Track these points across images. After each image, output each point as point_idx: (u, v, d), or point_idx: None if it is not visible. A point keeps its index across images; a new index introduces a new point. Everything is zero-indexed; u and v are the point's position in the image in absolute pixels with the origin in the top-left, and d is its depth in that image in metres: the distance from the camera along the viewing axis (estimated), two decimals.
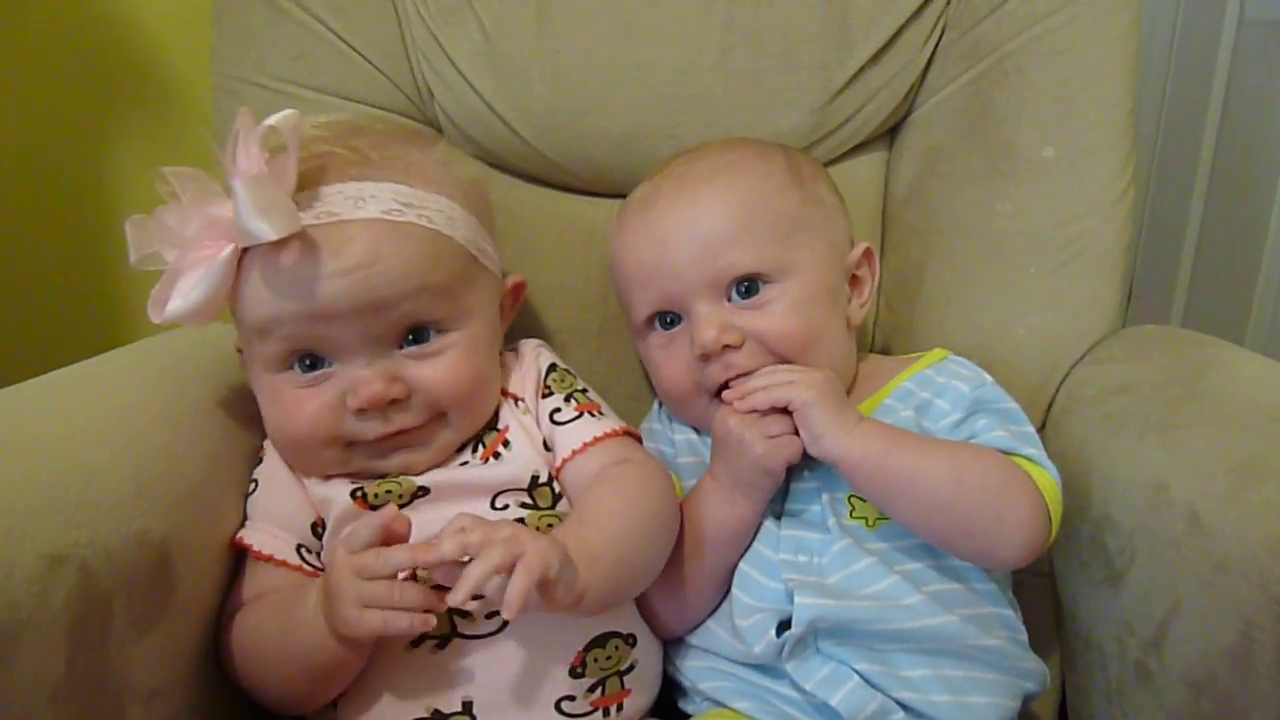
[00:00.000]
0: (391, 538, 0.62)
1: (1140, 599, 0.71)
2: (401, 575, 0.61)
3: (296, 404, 0.69)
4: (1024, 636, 0.73)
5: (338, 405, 0.68)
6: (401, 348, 0.70)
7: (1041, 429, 0.85)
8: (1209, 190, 1.24)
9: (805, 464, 0.73)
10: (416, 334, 0.70)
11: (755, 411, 0.71)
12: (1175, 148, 1.28)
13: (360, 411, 0.68)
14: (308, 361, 0.69)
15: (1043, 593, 0.84)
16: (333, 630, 0.62)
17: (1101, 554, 0.75)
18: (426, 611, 0.60)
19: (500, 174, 0.94)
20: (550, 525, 0.69)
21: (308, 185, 0.67)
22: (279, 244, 0.64)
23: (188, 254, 0.66)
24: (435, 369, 0.70)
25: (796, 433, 0.70)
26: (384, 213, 0.68)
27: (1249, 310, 1.18)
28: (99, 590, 0.56)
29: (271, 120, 0.64)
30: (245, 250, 0.66)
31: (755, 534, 0.74)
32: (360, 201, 0.67)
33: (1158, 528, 0.70)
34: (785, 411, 0.70)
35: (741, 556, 0.74)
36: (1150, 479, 0.71)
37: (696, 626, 0.76)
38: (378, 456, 0.70)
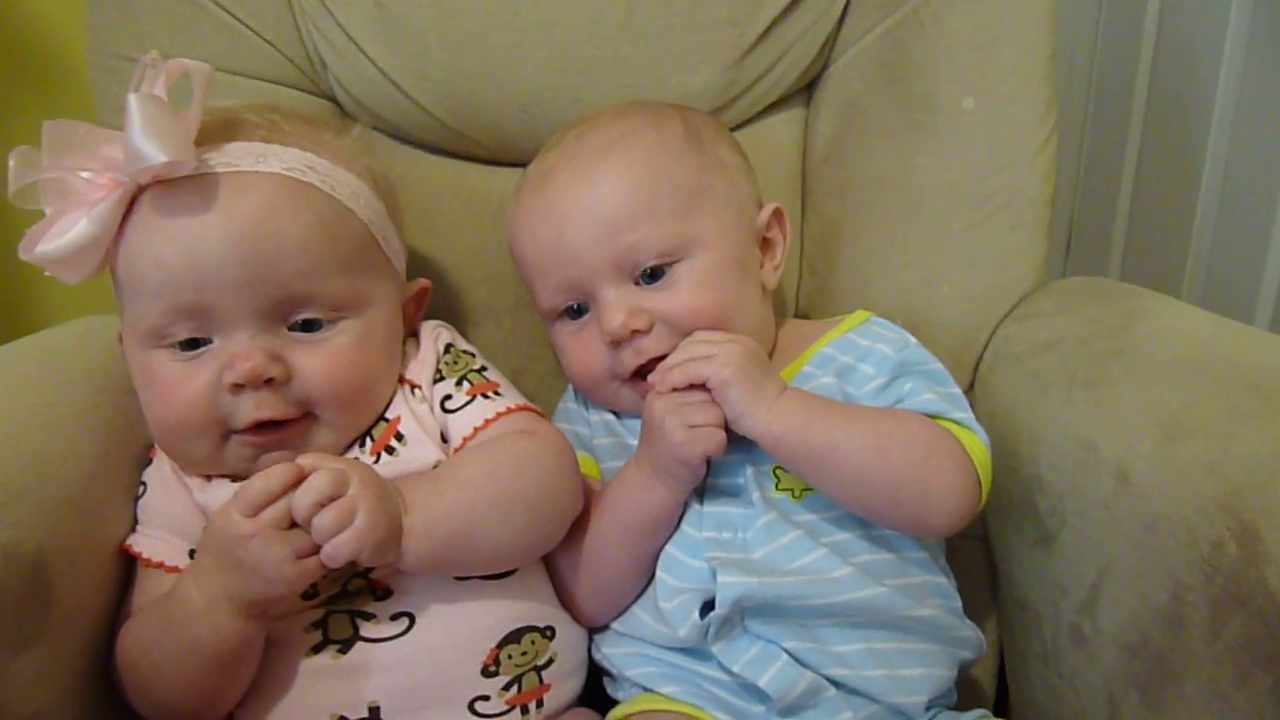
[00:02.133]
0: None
1: (1072, 561, 0.70)
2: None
3: (173, 385, 0.64)
4: (958, 604, 0.71)
5: (214, 385, 0.63)
6: (290, 330, 0.65)
7: (970, 389, 0.83)
8: (1143, 138, 1.23)
9: (729, 436, 0.70)
10: (307, 320, 0.66)
11: (679, 390, 0.67)
12: (1108, 96, 1.27)
13: (236, 388, 0.63)
14: (185, 336, 0.64)
15: (977, 556, 0.83)
16: (241, 605, 0.59)
17: (1033, 516, 0.74)
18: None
19: (402, 146, 0.90)
20: None
21: (211, 139, 0.64)
22: (169, 188, 0.61)
23: (73, 195, 0.62)
24: (320, 359, 0.65)
25: (722, 423, 0.67)
26: (286, 169, 0.64)
27: (1185, 258, 1.17)
28: None
29: (184, 60, 0.61)
30: (134, 200, 0.62)
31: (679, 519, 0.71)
32: (263, 158, 0.64)
33: (1087, 488, 0.68)
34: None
35: (666, 542, 0.71)
36: (1078, 438, 0.69)
37: (621, 613, 0.73)
38: (250, 455, 0.66)
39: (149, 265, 0.63)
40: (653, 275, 0.71)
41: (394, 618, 0.63)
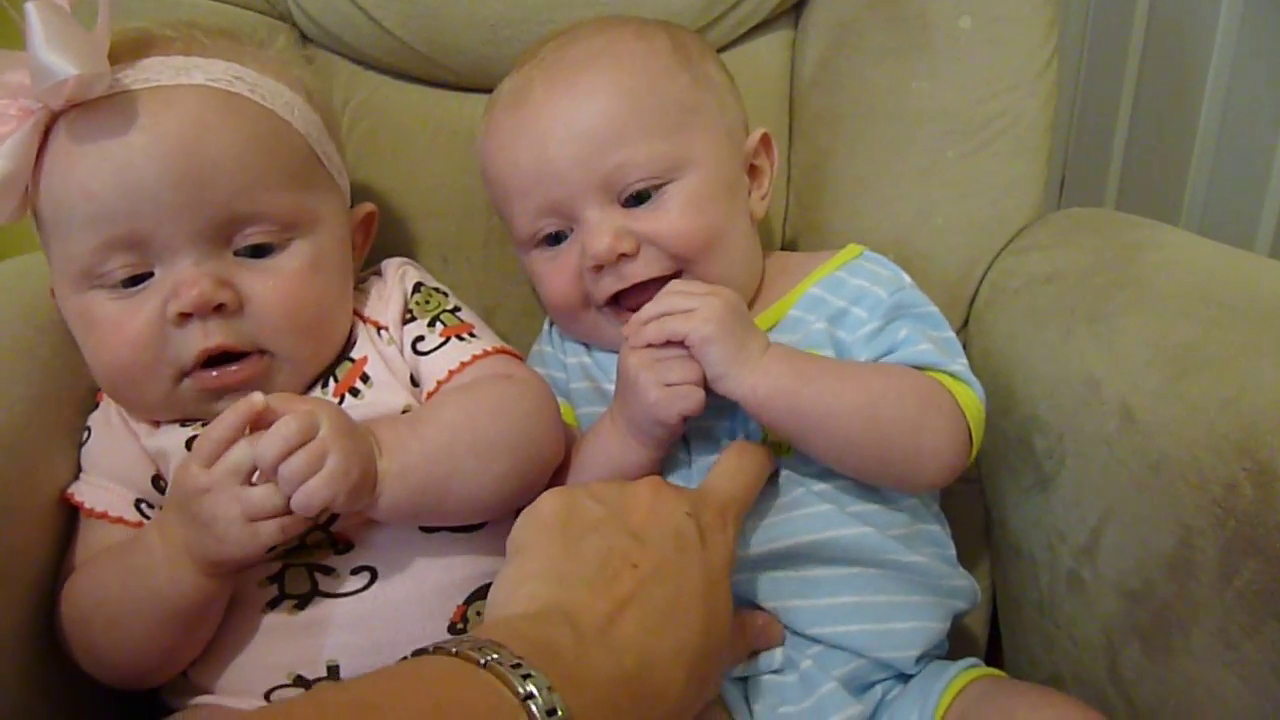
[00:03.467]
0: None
1: (1071, 504, 0.67)
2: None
3: (115, 326, 0.60)
4: (952, 552, 0.69)
5: (160, 319, 0.59)
6: (237, 255, 0.61)
7: (964, 326, 0.79)
8: (1141, 66, 1.19)
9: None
10: (255, 244, 0.61)
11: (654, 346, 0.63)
12: (1106, 21, 1.22)
13: (182, 318, 0.58)
14: (124, 274, 0.59)
15: (971, 500, 0.79)
16: (201, 563, 0.55)
17: (1030, 457, 0.70)
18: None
19: (365, 71, 0.85)
20: None
21: (124, 56, 0.59)
22: (86, 112, 0.57)
23: None
24: (272, 283, 0.61)
25: (701, 381, 0.62)
26: (211, 80, 0.59)
27: (1183, 190, 1.14)
28: None
29: None
30: (49, 130, 0.57)
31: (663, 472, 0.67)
32: (185, 70, 0.59)
33: (1088, 427, 0.65)
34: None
35: None
36: (1079, 374, 0.66)
37: None
38: (206, 399, 0.61)
39: (75, 197, 0.58)
40: (639, 198, 0.67)
41: (355, 572, 0.60)
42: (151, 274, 0.60)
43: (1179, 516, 0.57)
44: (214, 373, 0.61)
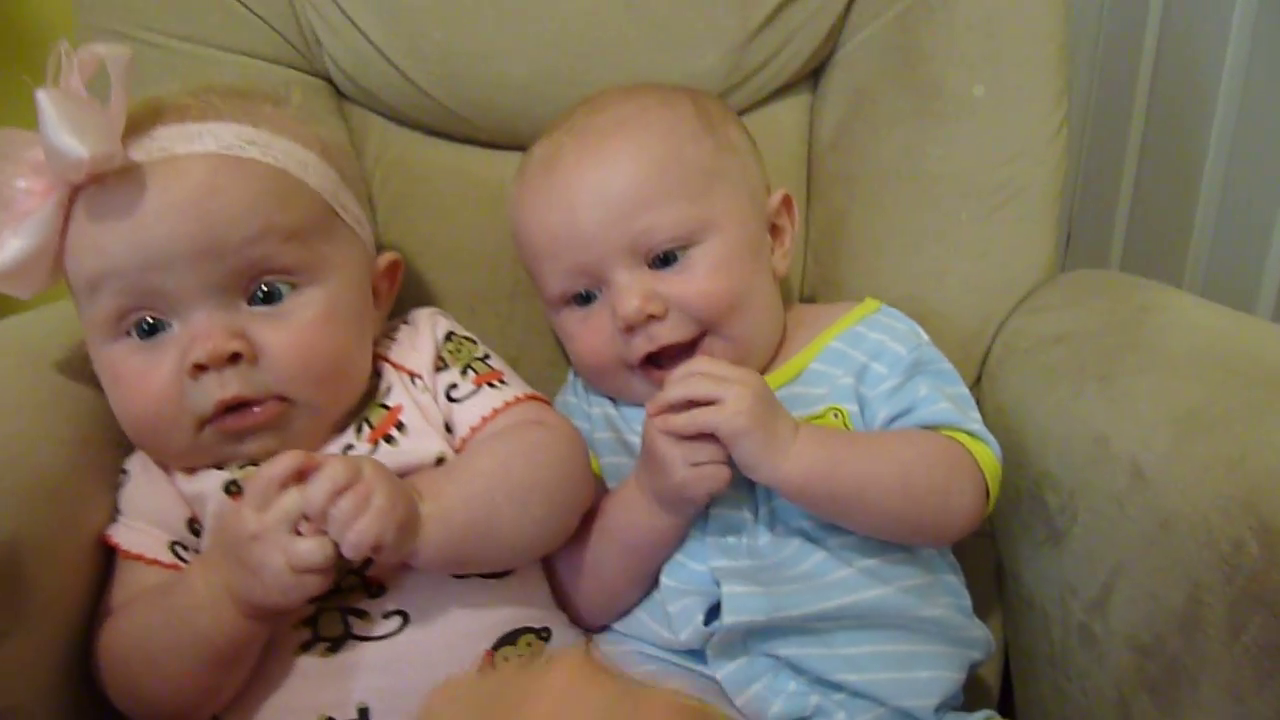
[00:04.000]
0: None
1: (1083, 559, 0.68)
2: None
3: (138, 378, 0.62)
4: (968, 603, 0.70)
5: (178, 371, 0.61)
6: (251, 304, 0.63)
7: (977, 382, 0.81)
8: (1145, 130, 1.22)
9: None
10: (267, 290, 0.63)
11: None
12: (1111, 85, 1.25)
13: (197, 369, 0.60)
14: (145, 325, 0.62)
15: (983, 553, 0.81)
16: (244, 606, 0.57)
17: (1042, 512, 0.72)
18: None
19: (398, 128, 0.88)
20: None
21: (139, 128, 0.61)
22: (104, 185, 0.59)
23: (10, 208, 0.60)
24: (285, 333, 0.62)
25: (728, 459, 0.64)
26: (222, 148, 0.62)
27: (1186, 251, 1.16)
28: None
29: (97, 47, 0.58)
30: (72, 203, 0.60)
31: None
32: (196, 137, 0.62)
33: (1099, 484, 0.67)
34: None
35: (668, 557, 0.69)
36: (1090, 432, 0.68)
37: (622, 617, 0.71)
38: (229, 441, 0.63)
39: (91, 256, 0.60)
40: (665, 260, 0.69)
41: (387, 616, 0.61)
42: (170, 325, 0.62)
43: (1188, 572, 0.59)
44: (233, 420, 0.62)
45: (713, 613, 0.65)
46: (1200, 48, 1.13)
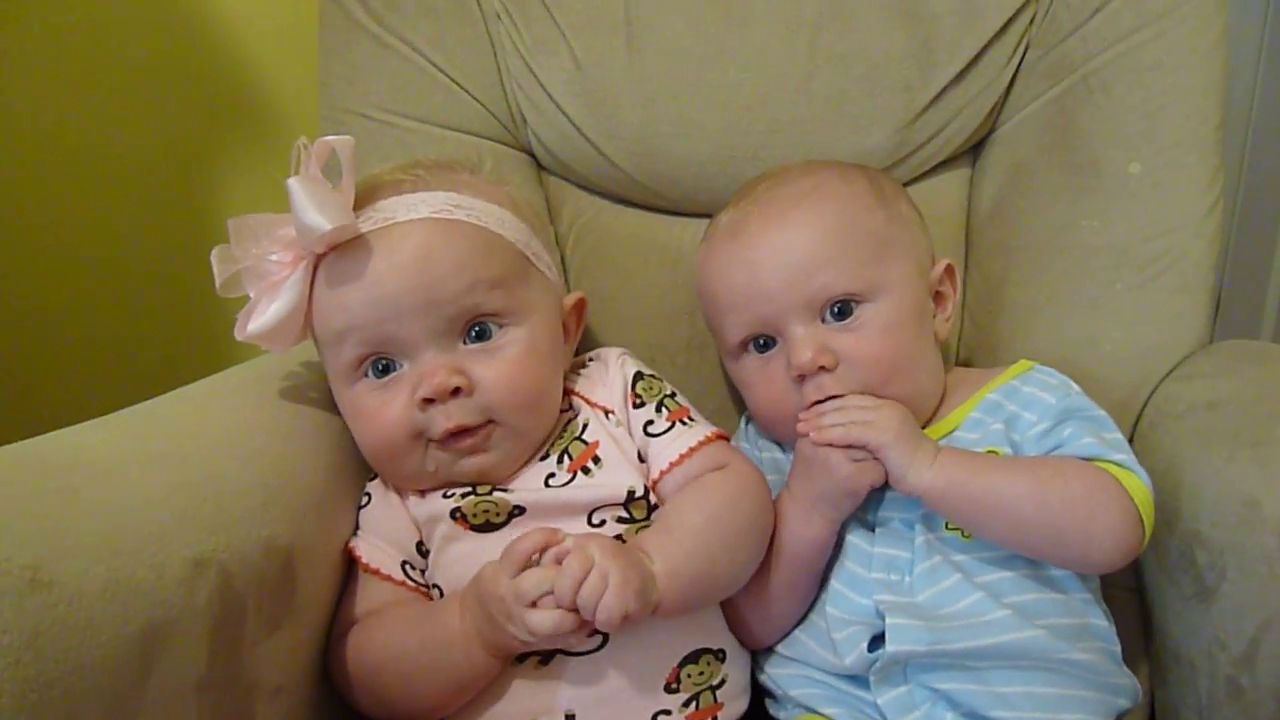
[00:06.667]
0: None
1: (1231, 615, 0.71)
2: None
3: (377, 411, 0.72)
4: (1118, 649, 0.74)
5: (410, 404, 0.71)
6: (465, 343, 0.73)
7: (1128, 443, 0.84)
8: None
9: None
10: (479, 330, 0.73)
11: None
12: (1263, 158, 1.26)
13: (427, 402, 0.71)
14: (380, 366, 0.72)
15: (1131, 607, 0.84)
16: (489, 647, 0.66)
17: (1191, 569, 0.75)
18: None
19: (590, 195, 0.98)
20: None
21: (364, 202, 0.72)
22: (341, 252, 0.70)
23: (267, 278, 0.71)
24: (496, 367, 0.72)
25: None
26: (434, 213, 0.72)
27: None
28: (235, 592, 0.60)
29: (329, 139, 0.69)
30: (315, 270, 0.71)
31: (841, 550, 0.76)
32: (413, 206, 0.72)
33: (1249, 544, 0.70)
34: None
35: (822, 572, 0.76)
36: (1241, 495, 0.71)
37: (784, 637, 0.78)
38: (450, 459, 0.73)
39: (336, 313, 0.71)
40: (840, 313, 0.75)
41: (590, 634, 0.69)
42: (401, 366, 0.72)
43: None
44: (454, 442, 0.72)
45: (874, 644, 0.71)
46: None
